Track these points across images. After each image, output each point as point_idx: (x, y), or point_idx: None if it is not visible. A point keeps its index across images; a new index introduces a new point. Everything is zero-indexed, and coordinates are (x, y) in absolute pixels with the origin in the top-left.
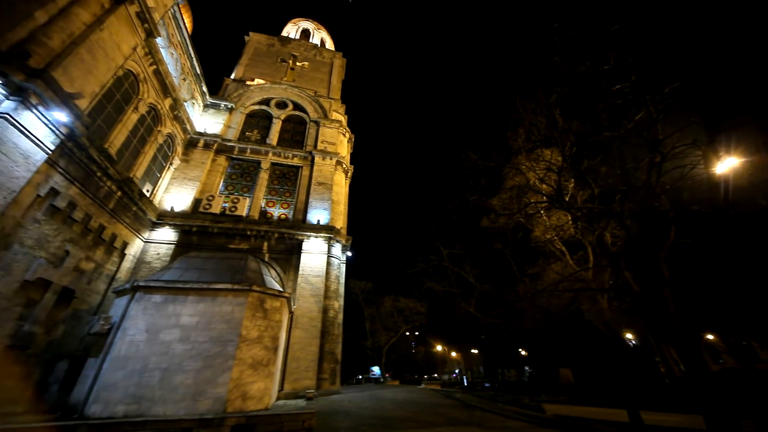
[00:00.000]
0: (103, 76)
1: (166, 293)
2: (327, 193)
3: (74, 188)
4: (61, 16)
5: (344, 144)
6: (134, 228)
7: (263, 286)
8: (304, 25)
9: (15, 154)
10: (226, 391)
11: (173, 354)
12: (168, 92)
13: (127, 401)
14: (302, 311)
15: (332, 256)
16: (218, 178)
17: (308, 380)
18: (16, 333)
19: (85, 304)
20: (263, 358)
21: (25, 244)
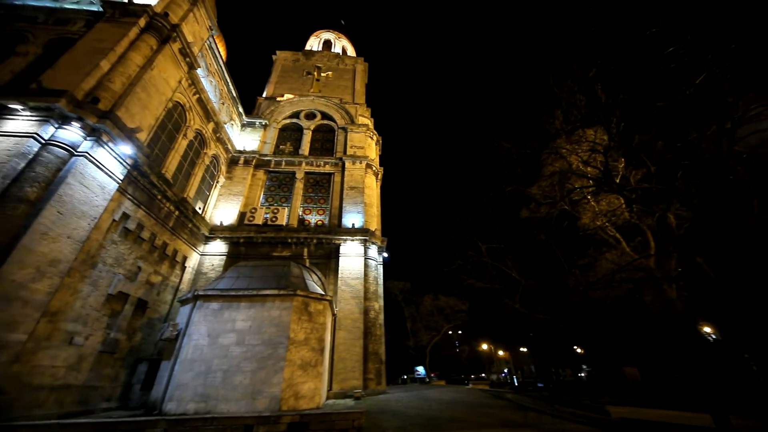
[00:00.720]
0: (156, 109)
1: (222, 300)
2: (359, 197)
3: (141, 211)
4: (120, 62)
5: (372, 147)
6: (191, 243)
7: (306, 291)
8: (326, 36)
9: (94, 186)
10: (280, 391)
11: (231, 356)
12: (210, 117)
13: (196, 399)
14: (344, 313)
15: (369, 258)
16: (259, 191)
17: (355, 380)
18: (105, 340)
19: (157, 313)
20: (311, 359)
21: (107, 262)
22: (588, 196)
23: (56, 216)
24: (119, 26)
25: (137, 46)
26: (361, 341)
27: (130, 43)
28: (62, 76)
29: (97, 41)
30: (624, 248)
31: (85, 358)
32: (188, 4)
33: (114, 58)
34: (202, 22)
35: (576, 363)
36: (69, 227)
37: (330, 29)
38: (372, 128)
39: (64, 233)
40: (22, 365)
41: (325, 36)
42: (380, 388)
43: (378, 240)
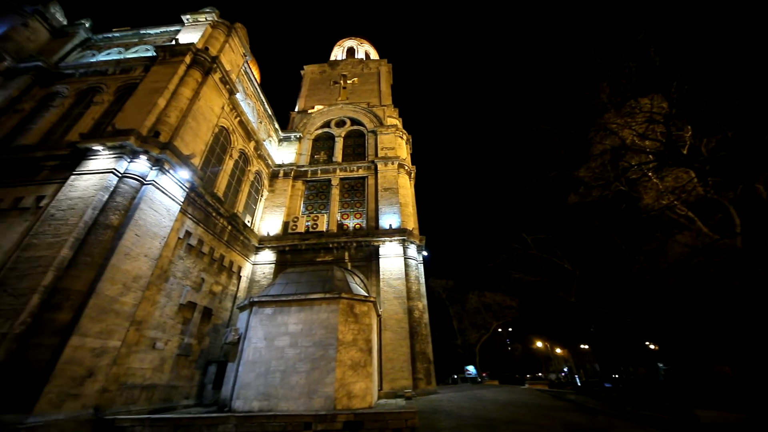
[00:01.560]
0: (205, 135)
1: (275, 306)
2: (394, 198)
3: (200, 228)
4: (173, 98)
5: (403, 146)
6: (244, 254)
7: (350, 293)
8: (348, 44)
9: (161, 209)
10: (334, 390)
11: (287, 358)
12: (251, 137)
13: (259, 398)
14: (389, 314)
15: (408, 257)
16: (299, 201)
17: (404, 380)
18: (181, 344)
19: (220, 320)
20: (360, 359)
21: (177, 276)
22: (649, 173)
23: (135, 238)
24: (169, 66)
25: (185, 81)
26: (408, 341)
27: (180, 80)
28: (130, 117)
29: (153, 82)
30: (700, 228)
31: (166, 361)
32: (224, 36)
33: (168, 95)
34: (236, 50)
35: (650, 360)
36: (145, 247)
37: (352, 36)
38: (401, 128)
39: (142, 252)
40: (118, 367)
41: (348, 44)
42: (430, 388)
43: (416, 239)
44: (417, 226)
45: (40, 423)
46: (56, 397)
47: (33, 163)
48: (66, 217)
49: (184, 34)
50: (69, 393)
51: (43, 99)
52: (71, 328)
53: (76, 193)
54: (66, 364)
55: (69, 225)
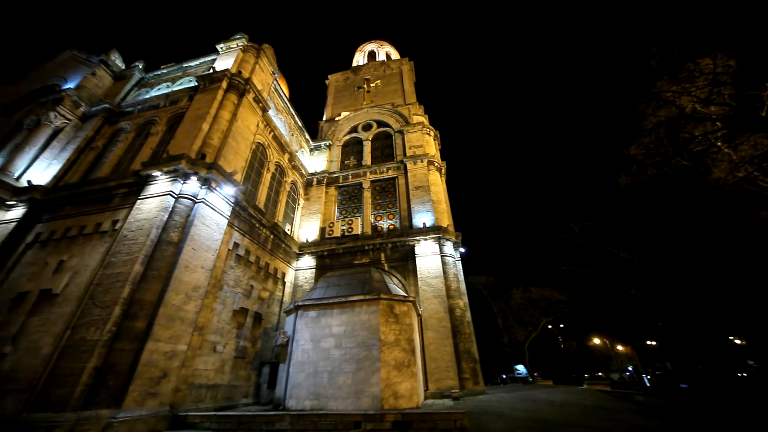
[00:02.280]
0: (244, 153)
1: (318, 309)
2: (426, 195)
3: (246, 239)
4: (214, 121)
5: (431, 143)
6: (286, 260)
7: (389, 294)
8: (369, 48)
9: (212, 224)
10: (380, 390)
11: (333, 359)
12: (285, 149)
13: (310, 397)
14: (429, 313)
15: (445, 255)
16: (333, 206)
17: (450, 380)
18: (237, 347)
19: (269, 323)
20: (404, 359)
21: (229, 284)
22: (717, 142)
23: (192, 252)
24: (209, 93)
25: (224, 105)
26: (451, 340)
27: (219, 104)
28: (180, 143)
29: (197, 109)
30: None
31: (225, 363)
32: (254, 58)
33: (210, 119)
34: (266, 69)
35: (737, 357)
36: (201, 259)
37: (372, 40)
38: (427, 125)
39: (198, 264)
40: (186, 369)
41: (368, 48)
42: (478, 388)
43: (452, 236)
44: (452, 222)
45: (128, 418)
46: (139, 396)
47: (107, 192)
48: (136, 236)
49: (219, 61)
50: (149, 392)
51: (111, 135)
52: (147, 335)
53: (142, 215)
54: (144, 366)
55: (139, 244)
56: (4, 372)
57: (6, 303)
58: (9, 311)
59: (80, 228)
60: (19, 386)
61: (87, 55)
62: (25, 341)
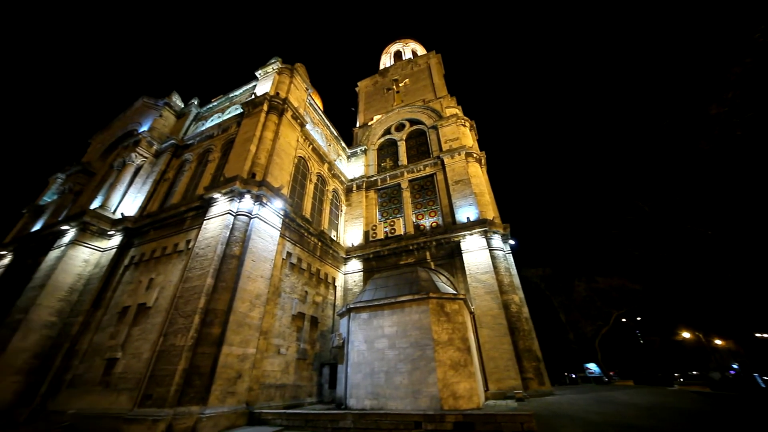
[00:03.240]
0: (288, 167)
1: (369, 311)
2: (467, 189)
3: (297, 248)
4: (260, 142)
5: (467, 134)
6: (335, 265)
7: (438, 292)
8: (394, 48)
9: (267, 236)
10: (438, 391)
11: (387, 359)
12: (324, 160)
13: (369, 397)
14: (482, 310)
15: (494, 248)
16: (374, 210)
17: (512, 380)
18: (298, 349)
19: (325, 326)
20: (459, 358)
21: (286, 291)
22: None
23: (252, 263)
24: (253, 117)
25: (267, 126)
26: (508, 338)
27: (262, 126)
28: (233, 166)
29: (244, 134)
30: None
31: (289, 364)
32: (288, 78)
33: (256, 141)
34: (300, 87)
35: None
36: (260, 269)
37: (396, 40)
38: (462, 116)
39: (258, 274)
40: (257, 370)
41: (393, 48)
42: (544, 388)
43: (499, 228)
44: (497, 214)
45: (214, 414)
46: (221, 394)
47: (180, 216)
48: (206, 253)
49: (259, 86)
50: (228, 391)
51: (179, 167)
52: (221, 340)
53: (209, 234)
54: (222, 368)
55: (208, 259)
56: (118, 373)
57: (114, 316)
58: (117, 323)
59: (162, 249)
60: (129, 385)
61: (154, 100)
62: (131, 347)
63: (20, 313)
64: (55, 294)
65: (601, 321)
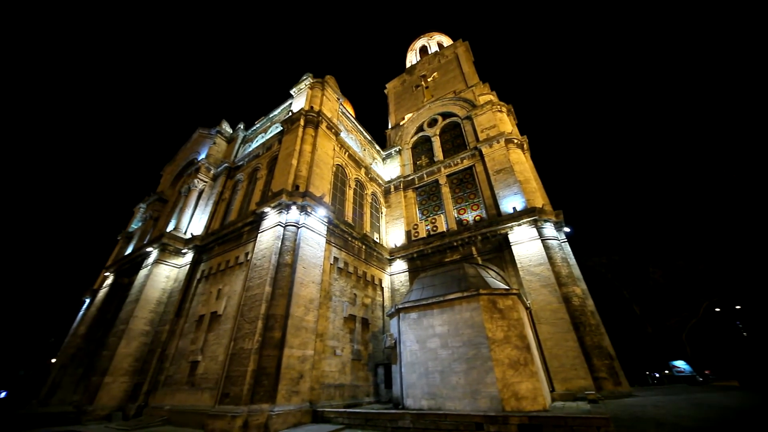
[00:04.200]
0: (328, 176)
1: (417, 310)
2: (510, 177)
3: (343, 252)
4: (300, 155)
5: (505, 120)
6: (380, 267)
7: (489, 288)
8: (419, 44)
9: (314, 243)
10: (498, 391)
11: (441, 359)
12: (360, 165)
13: (426, 397)
14: (539, 305)
15: (546, 238)
16: (414, 209)
17: (581, 380)
18: (352, 350)
19: (376, 327)
20: (518, 357)
21: (336, 294)
22: None
23: (303, 270)
24: (292, 133)
25: (305, 139)
26: (573, 334)
27: (301, 140)
28: (278, 180)
29: (286, 149)
30: None
31: (345, 365)
32: (320, 91)
33: (297, 155)
34: (331, 97)
35: None
36: (311, 275)
37: (420, 36)
38: (497, 101)
39: (309, 280)
40: (316, 371)
41: (418, 44)
42: (621, 389)
43: (550, 215)
44: (548, 201)
45: (282, 411)
46: (286, 393)
47: (237, 231)
48: (262, 263)
49: (295, 102)
50: (292, 390)
51: (233, 187)
52: (282, 343)
53: (263, 245)
54: (286, 369)
55: (265, 269)
56: (200, 374)
57: (193, 324)
58: (196, 330)
59: (226, 262)
60: (210, 385)
61: (207, 130)
62: (208, 351)
63: (123, 323)
64: (147, 306)
65: (686, 312)
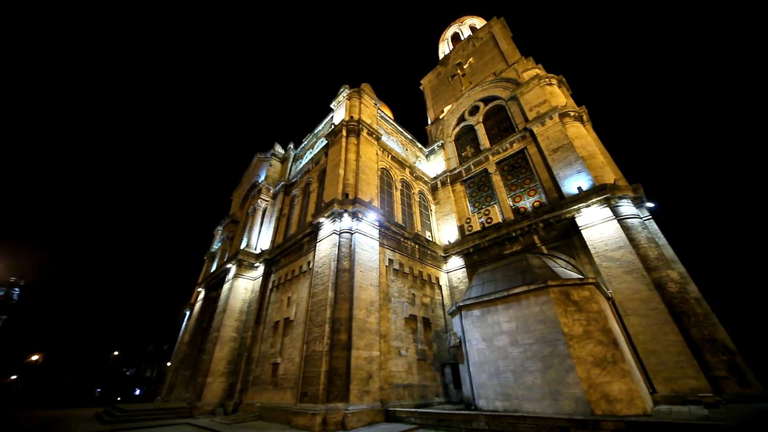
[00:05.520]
0: (374, 180)
1: (480, 307)
2: (570, 155)
3: (396, 254)
4: (346, 164)
5: (556, 92)
6: (435, 265)
7: (559, 279)
8: (450, 32)
9: (368, 247)
10: (583, 392)
11: (512, 357)
12: (404, 165)
13: (500, 398)
14: (624, 294)
15: (624, 217)
16: (464, 202)
17: (690, 379)
18: (417, 350)
19: (438, 326)
20: (605, 354)
21: (395, 296)
22: None
23: (361, 274)
24: (336, 144)
25: (348, 149)
26: (673, 325)
27: (345, 150)
28: (329, 191)
29: (332, 161)
30: None
31: (411, 365)
32: (358, 100)
33: (343, 164)
34: (369, 104)
35: None
36: (368, 278)
37: (450, 23)
38: (545, 74)
39: (368, 283)
40: (383, 371)
41: (449, 33)
42: (750, 391)
43: (626, 191)
44: (621, 175)
45: (356, 410)
46: (358, 393)
47: (298, 243)
48: (323, 270)
49: (336, 115)
50: (363, 390)
51: (290, 202)
52: (349, 345)
53: (322, 253)
54: (355, 369)
55: (326, 275)
56: (281, 375)
57: (270, 329)
58: (273, 335)
59: (292, 272)
60: (290, 384)
61: (264, 153)
62: (286, 354)
63: (215, 331)
64: (232, 315)
65: None
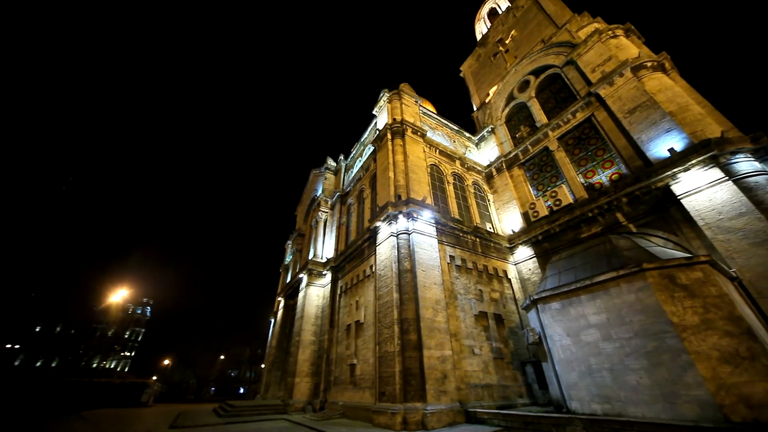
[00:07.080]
0: (424, 178)
1: (559, 299)
2: (653, 113)
3: (457, 249)
4: (395, 166)
5: (624, 44)
6: (501, 258)
7: (657, 260)
8: (486, 9)
9: (427, 246)
10: (709, 394)
11: (606, 354)
12: (453, 158)
13: (597, 400)
14: (755, 272)
15: (741, 176)
16: (525, 187)
17: None
18: (492, 349)
19: (512, 322)
20: (736, 347)
21: (461, 293)
22: None
23: (423, 273)
24: (383, 148)
25: (395, 150)
26: None
27: (392, 152)
28: (381, 195)
29: (381, 165)
30: None
31: (487, 364)
32: (398, 101)
33: (391, 167)
34: (409, 102)
35: None
36: (431, 277)
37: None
38: (605, 27)
39: (431, 282)
40: (458, 371)
41: (485, 10)
42: None
43: (742, 143)
44: (732, 125)
45: (435, 410)
46: (435, 393)
47: (359, 249)
48: (385, 273)
49: (379, 120)
50: (439, 390)
51: (347, 211)
52: (420, 345)
53: (383, 257)
54: (429, 369)
55: (389, 278)
56: (358, 375)
57: (344, 332)
58: (347, 337)
59: (356, 277)
60: (367, 384)
61: (318, 169)
62: (360, 355)
63: (297, 336)
64: (309, 321)
65: None
